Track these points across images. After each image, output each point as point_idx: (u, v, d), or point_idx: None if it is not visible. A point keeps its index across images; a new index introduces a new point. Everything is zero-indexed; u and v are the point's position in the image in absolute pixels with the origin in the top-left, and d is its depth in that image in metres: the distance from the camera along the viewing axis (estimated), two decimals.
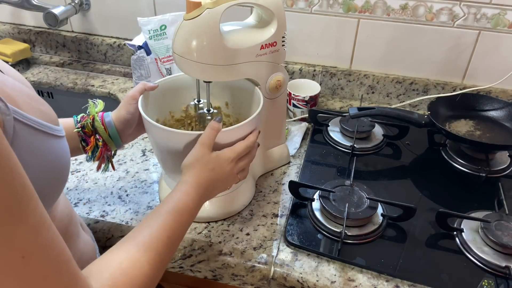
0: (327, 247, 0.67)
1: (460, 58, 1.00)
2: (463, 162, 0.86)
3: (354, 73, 1.07)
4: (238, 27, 0.68)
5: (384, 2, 0.97)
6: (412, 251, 0.67)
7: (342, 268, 0.64)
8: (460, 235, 0.68)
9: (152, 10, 1.12)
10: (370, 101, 1.09)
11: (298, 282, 0.63)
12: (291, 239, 0.68)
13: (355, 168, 0.81)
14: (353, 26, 1.02)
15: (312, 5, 1.01)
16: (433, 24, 0.97)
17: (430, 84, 1.03)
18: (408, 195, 0.79)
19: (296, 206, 0.75)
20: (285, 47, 0.70)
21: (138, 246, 0.44)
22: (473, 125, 0.90)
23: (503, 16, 0.92)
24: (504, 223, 0.67)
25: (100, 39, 1.20)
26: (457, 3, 0.93)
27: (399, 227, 0.71)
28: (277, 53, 0.69)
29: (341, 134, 0.93)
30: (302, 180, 0.81)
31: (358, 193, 0.73)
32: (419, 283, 0.62)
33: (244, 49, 0.65)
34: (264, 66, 0.69)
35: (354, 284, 0.62)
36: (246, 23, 0.70)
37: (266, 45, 0.67)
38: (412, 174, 0.85)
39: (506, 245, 0.64)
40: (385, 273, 0.63)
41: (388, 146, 0.92)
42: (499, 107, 0.92)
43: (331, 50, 1.06)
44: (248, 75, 0.68)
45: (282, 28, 0.68)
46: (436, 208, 0.70)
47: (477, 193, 0.80)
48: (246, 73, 0.68)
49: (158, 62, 0.98)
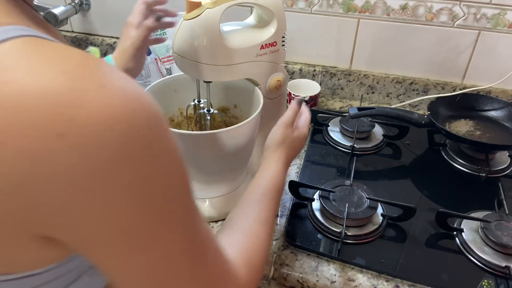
0: (327, 247, 0.67)
1: (460, 58, 1.00)
2: (463, 162, 0.86)
3: (354, 73, 1.07)
4: (238, 27, 0.68)
5: (384, 2, 0.97)
6: (412, 251, 0.67)
7: (342, 268, 0.64)
8: (460, 235, 0.68)
9: None
10: (370, 101, 1.09)
11: (298, 282, 0.63)
12: (291, 239, 0.68)
13: (355, 168, 0.81)
14: (353, 26, 1.02)
15: (312, 5, 1.01)
16: (433, 24, 0.97)
17: (430, 84, 1.03)
18: (408, 195, 0.79)
19: (296, 206, 0.75)
20: (285, 47, 0.70)
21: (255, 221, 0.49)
22: (473, 125, 0.90)
23: (503, 16, 0.92)
24: (504, 223, 0.67)
25: (100, 39, 1.20)
26: (457, 3, 0.93)
27: (399, 227, 0.71)
28: (277, 53, 0.69)
29: (341, 134, 0.93)
30: (302, 180, 0.81)
31: (358, 193, 0.73)
32: (419, 283, 0.62)
33: (244, 49, 0.65)
34: (264, 66, 0.69)
35: (354, 284, 0.62)
36: (246, 23, 0.70)
37: (266, 45, 0.67)
38: (412, 174, 0.85)
39: (506, 245, 0.64)
40: (385, 273, 0.63)
41: (388, 146, 0.92)
42: (499, 107, 0.92)
43: (331, 50, 1.06)
44: (248, 75, 0.68)
45: (282, 28, 0.68)
46: (436, 208, 0.70)
47: (477, 193, 0.80)
48: (246, 73, 0.68)
49: (158, 62, 0.98)
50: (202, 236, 0.35)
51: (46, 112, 0.25)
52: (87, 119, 0.25)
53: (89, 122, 0.25)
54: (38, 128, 0.25)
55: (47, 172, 0.25)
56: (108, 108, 0.26)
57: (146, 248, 0.30)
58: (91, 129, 0.25)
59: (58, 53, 0.27)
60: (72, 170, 0.26)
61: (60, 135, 0.25)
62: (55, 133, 0.25)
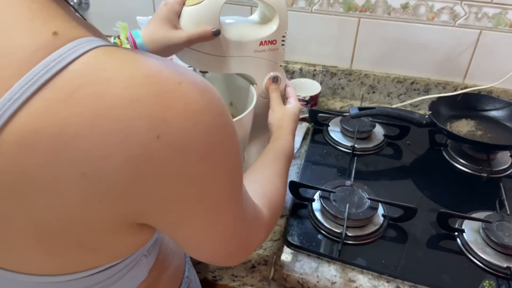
0: (327, 247, 0.67)
1: (461, 57, 0.99)
2: (464, 162, 0.85)
3: (354, 72, 1.06)
4: (239, 21, 0.68)
5: (384, 1, 0.97)
6: (413, 251, 0.66)
7: (343, 269, 0.64)
8: (461, 236, 0.68)
9: (151, 9, 1.12)
10: (371, 101, 1.09)
11: (298, 283, 0.63)
12: (291, 239, 0.67)
13: (356, 168, 0.81)
14: (353, 26, 1.01)
15: (313, 4, 1.01)
16: (434, 24, 0.97)
17: (431, 83, 1.03)
18: (409, 195, 0.79)
19: (296, 207, 0.74)
20: (284, 47, 0.69)
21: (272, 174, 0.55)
22: (474, 125, 0.90)
23: (504, 16, 0.92)
24: (505, 224, 0.67)
25: None
26: (458, 3, 0.93)
27: (400, 228, 0.70)
28: (276, 52, 0.69)
29: (341, 134, 0.93)
30: (302, 180, 0.81)
31: (358, 194, 0.73)
32: (420, 283, 0.61)
33: (243, 42, 0.64)
34: (262, 63, 0.68)
35: (354, 285, 0.61)
36: (248, 19, 0.70)
37: (265, 42, 0.66)
38: (413, 174, 0.85)
39: (507, 246, 0.63)
40: (386, 274, 0.63)
41: (389, 146, 0.92)
42: (500, 107, 0.92)
43: (332, 49, 1.06)
44: (245, 71, 0.68)
45: (283, 27, 0.67)
46: (437, 208, 0.70)
47: (478, 193, 0.80)
48: (243, 68, 0.67)
49: None
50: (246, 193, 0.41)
51: (143, 118, 0.27)
52: (178, 118, 0.28)
53: (179, 121, 0.28)
54: (139, 134, 0.27)
55: (149, 172, 0.28)
56: (191, 105, 0.29)
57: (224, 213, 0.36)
58: (181, 127, 0.28)
59: (132, 59, 0.29)
60: (168, 166, 0.28)
61: (158, 137, 0.27)
62: (154, 136, 0.27)
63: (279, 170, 0.56)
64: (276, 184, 0.54)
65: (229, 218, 0.37)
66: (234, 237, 0.39)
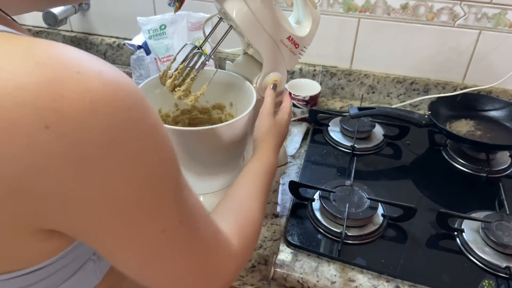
0: (327, 247, 0.67)
1: (461, 58, 1.00)
2: (464, 162, 0.85)
3: (354, 72, 1.06)
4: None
5: (384, 2, 0.97)
6: (413, 251, 0.66)
7: (343, 268, 0.64)
8: (460, 236, 0.68)
9: (151, 10, 1.12)
10: (371, 101, 1.09)
11: (298, 282, 0.63)
12: (291, 239, 0.68)
13: (356, 168, 0.81)
14: (353, 26, 1.02)
15: None
16: (434, 24, 0.97)
17: (431, 84, 1.03)
18: (409, 195, 0.79)
19: (296, 206, 0.74)
20: (299, 57, 0.72)
21: (246, 198, 0.51)
22: (473, 125, 0.90)
23: (503, 16, 0.92)
24: (505, 224, 0.67)
25: (100, 38, 1.20)
26: (457, 3, 0.93)
27: (399, 228, 0.70)
28: (292, 56, 0.70)
29: (341, 134, 0.93)
30: (302, 180, 0.81)
31: (358, 193, 0.73)
32: (419, 283, 0.62)
33: (280, 24, 0.66)
34: (275, 56, 0.69)
35: (354, 284, 0.62)
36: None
37: (292, 39, 0.68)
38: (413, 174, 0.85)
39: (507, 246, 0.63)
40: (386, 274, 0.63)
41: (389, 146, 0.92)
42: (500, 107, 0.92)
43: (331, 49, 1.06)
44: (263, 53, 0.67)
45: (309, 39, 0.71)
46: (436, 208, 0.70)
47: (477, 193, 0.80)
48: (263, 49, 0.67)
49: (158, 62, 0.98)
50: (194, 208, 0.36)
51: (30, 107, 0.25)
52: (69, 108, 0.25)
53: (71, 110, 0.25)
54: (26, 124, 0.25)
55: (40, 165, 0.26)
56: (88, 94, 0.26)
57: (145, 225, 0.31)
58: (75, 117, 0.25)
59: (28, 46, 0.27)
60: (63, 160, 0.26)
61: (46, 127, 0.25)
62: (42, 126, 0.25)
63: (254, 191, 0.53)
64: (251, 208, 0.50)
65: (154, 231, 0.32)
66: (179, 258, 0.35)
